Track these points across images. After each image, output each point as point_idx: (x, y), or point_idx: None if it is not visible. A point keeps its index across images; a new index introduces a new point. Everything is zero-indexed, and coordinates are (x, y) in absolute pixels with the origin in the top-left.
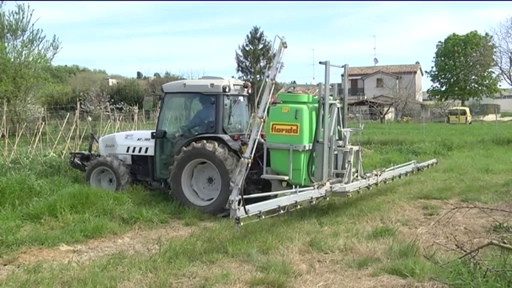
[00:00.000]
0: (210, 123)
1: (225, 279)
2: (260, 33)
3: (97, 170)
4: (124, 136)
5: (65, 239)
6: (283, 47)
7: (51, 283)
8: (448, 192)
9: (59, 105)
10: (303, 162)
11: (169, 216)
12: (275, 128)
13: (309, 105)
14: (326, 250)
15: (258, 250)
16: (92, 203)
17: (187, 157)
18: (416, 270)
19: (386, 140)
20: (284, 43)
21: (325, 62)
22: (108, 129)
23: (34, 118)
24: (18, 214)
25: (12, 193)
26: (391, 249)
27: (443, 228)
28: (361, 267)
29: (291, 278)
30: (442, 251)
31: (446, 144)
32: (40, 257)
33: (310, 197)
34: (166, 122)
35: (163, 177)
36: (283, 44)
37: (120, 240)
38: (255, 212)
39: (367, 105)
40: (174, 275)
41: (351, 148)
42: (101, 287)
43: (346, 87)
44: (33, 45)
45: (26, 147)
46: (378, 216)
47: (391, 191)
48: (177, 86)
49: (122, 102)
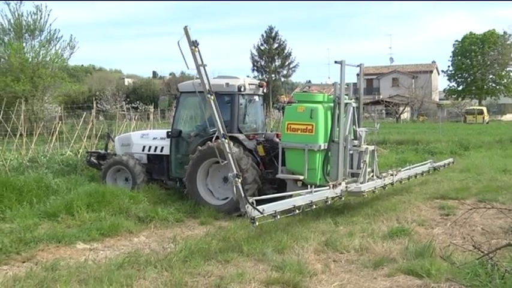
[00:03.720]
0: (225, 122)
1: (240, 278)
2: (275, 33)
3: (113, 169)
4: (140, 135)
5: (82, 237)
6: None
7: (68, 281)
8: (465, 193)
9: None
10: (318, 161)
11: (184, 215)
12: (290, 128)
13: (324, 105)
14: (341, 250)
15: (273, 249)
16: (108, 201)
17: (203, 156)
18: (432, 271)
19: (402, 140)
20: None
21: (340, 61)
22: (124, 128)
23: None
24: (36, 212)
25: (30, 191)
26: (407, 249)
27: (460, 228)
28: (377, 268)
29: (306, 278)
30: (458, 252)
31: (463, 144)
32: (57, 254)
33: (325, 196)
34: (181, 121)
35: (179, 176)
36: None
37: (136, 239)
38: (271, 211)
39: (383, 104)
40: (190, 274)
41: (366, 148)
42: (117, 285)
43: (361, 86)
44: (50, 45)
45: (44, 146)
46: (393, 216)
47: (407, 191)
48: (192, 86)
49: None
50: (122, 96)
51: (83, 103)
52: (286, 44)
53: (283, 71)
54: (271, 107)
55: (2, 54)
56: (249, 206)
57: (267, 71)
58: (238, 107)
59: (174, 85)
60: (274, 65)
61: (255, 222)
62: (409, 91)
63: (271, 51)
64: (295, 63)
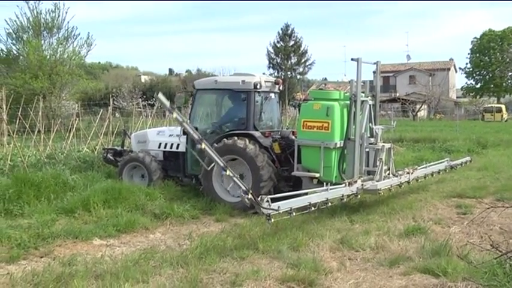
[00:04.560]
0: (241, 119)
1: (255, 275)
2: (291, 30)
3: (129, 166)
4: (156, 132)
5: (98, 233)
6: None
7: (85, 276)
8: (483, 191)
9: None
10: (334, 159)
11: (200, 212)
12: (306, 125)
13: (340, 102)
14: (357, 248)
15: (289, 247)
16: (124, 198)
17: (218, 153)
18: (449, 270)
19: (419, 138)
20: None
21: (357, 58)
22: (140, 125)
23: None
24: (54, 208)
25: (47, 187)
26: (423, 248)
27: (477, 227)
28: (393, 266)
29: (322, 276)
30: (476, 251)
31: (481, 142)
32: (74, 250)
33: (341, 194)
34: (197, 119)
35: (195, 173)
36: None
37: (152, 236)
38: (286, 208)
39: (399, 102)
40: (205, 271)
41: (382, 145)
42: (133, 281)
43: (378, 84)
44: (68, 43)
45: (61, 142)
46: (409, 214)
47: (424, 189)
48: (208, 83)
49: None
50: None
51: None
52: (302, 41)
53: (299, 69)
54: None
55: (20, 52)
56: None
57: (283, 68)
58: (254, 105)
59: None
60: (290, 62)
61: (270, 219)
62: (426, 89)
63: (287, 49)
64: (311, 60)
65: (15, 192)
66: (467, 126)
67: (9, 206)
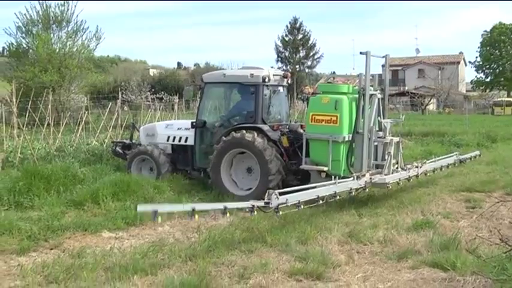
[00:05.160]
0: (249, 113)
1: (263, 268)
2: (299, 24)
3: (138, 159)
4: (164, 125)
5: (107, 225)
6: None
7: (94, 268)
8: (492, 185)
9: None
10: (343, 153)
11: None
12: (314, 119)
13: (349, 96)
14: (365, 241)
15: (297, 240)
16: (133, 191)
17: (227, 147)
18: (457, 264)
19: (428, 132)
20: None
21: (365, 52)
22: (148, 118)
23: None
24: (63, 201)
25: (57, 180)
26: (432, 242)
27: (486, 221)
28: (401, 260)
29: (330, 269)
30: (485, 245)
31: (491, 136)
32: (84, 242)
33: (349, 187)
34: (206, 112)
35: (203, 166)
36: None
37: (160, 228)
38: (294, 201)
39: (408, 96)
40: (213, 264)
41: (391, 139)
42: (142, 273)
43: (387, 77)
44: (77, 36)
45: (70, 135)
46: (418, 208)
47: (432, 183)
48: (217, 76)
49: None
50: (146, 86)
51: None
52: (311, 35)
53: (307, 62)
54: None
55: (30, 45)
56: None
57: (291, 62)
58: (263, 98)
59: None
60: (299, 56)
61: (278, 211)
62: (435, 82)
63: (296, 42)
64: (319, 54)
65: (25, 184)
66: (477, 120)
67: (19, 198)
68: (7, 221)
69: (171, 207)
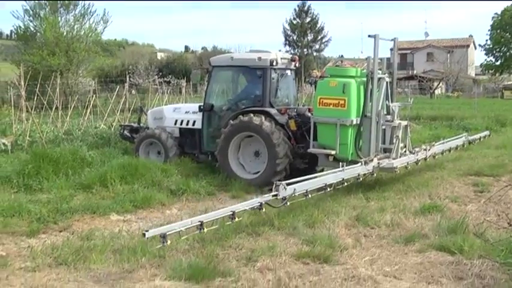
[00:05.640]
0: (257, 96)
1: (271, 251)
2: (307, 7)
3: (146, 142)
4: (172, 109)
5: (115, 208)
6: None
7: (103, 250)
8: (500, 169)
9: (109, 79)
10: (350, 136)
11: (216, 188)
12: (322, 102)
13: (357, 80)
14: (372, 225)
15: (304, 224)
16: (141, 174)
17: (234, 130)
18: (465, 248)
19: (436, 116)
20: None
21: (374, 35)
22: (156, 102)
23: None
24: (72, 184)
25: (65, 163)
26: (439, 225)
27: (494, 205)
28: (408, 243)
29: (337, 252)
30: (492, 229)
31: (500, 120)
32: (92, 225)
33: (357, 173)
34: (213, 96)
35: (211, 150)
36: None
37: (168, 211)
38: (302, 191)
39: (417, 79)
40: (221, 246)
41: (399, 123)
42: (150, 255)
43: (395, 61)
44: (84, 20)
45: (78, 119)
46: (425, 192)
47: (440, 167)
48: (224, 60)
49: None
50: (154, 70)
51: (116, 77)
52: (319, 18)
53: (315, 46)
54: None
55: (38, 29)
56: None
57: (299, 45)
58: (270, 81)
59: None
60: (307, 39)
61: (286, 202)
62: (444, 66)
63: (304, 26)
64: (327, 37)
65: (34, 167)
66: (486, 104)
67: (28, 181)
68: (17, 204)
69: (179, 225)
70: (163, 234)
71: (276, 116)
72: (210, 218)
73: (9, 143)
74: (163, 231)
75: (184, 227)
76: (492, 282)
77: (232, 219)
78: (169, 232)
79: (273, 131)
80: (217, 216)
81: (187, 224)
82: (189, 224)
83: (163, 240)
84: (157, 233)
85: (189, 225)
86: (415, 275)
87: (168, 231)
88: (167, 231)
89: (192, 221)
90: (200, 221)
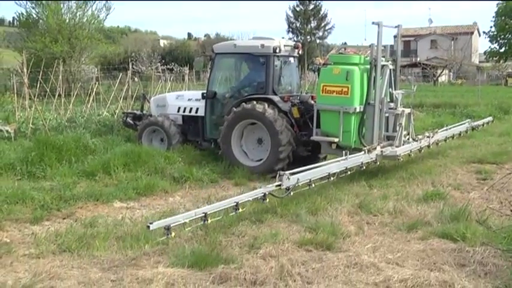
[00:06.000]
0: (260, 84)
1: (273, 238)
2: None
3: (149, 130)
4: (175, 96)
5: (119, 196)
6: None
7: (106, 237)
8: (504, 157)
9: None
10: (354, 124)
11: (219, 176)
12: (325, 90)
13: (360, 67)
14: (375, 212)
15: (307, 211)
16: (144, 161)
17: (237, 118)
18: (467, 235)
19: (439, 103)
20: None
21: (377, 22)
22: (159, 89)
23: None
24: (75, 171)
25: (68, 150)
26: (442, 213)
27: (497, 193)
28: (411, 231)
29: (340, 239)
30: (495, 216)
31: (503, 108)
32: (95, 212)
33: (360, 162)
34: (216, 83)
35: (214, 137)
36: None
37: (171, 199)
38: (306, 180)
39: (420, 67)
40: (224, 234)
41: (402, 110)
42: (153, 242)
43: (399, 48)
44: (87, 6)
45: (81, 106)
46: (428, 179)
47: (443, 154)
48: (227, 47)
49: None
50: (157, 57)
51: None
52: (322, 5)
53: (318, 33)
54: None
55: (40, 15)
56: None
57: (302, 32)
58: (273, 69)
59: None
60: (310, 26)
61: (290, 192)
62: (448, 53)
63: (307, 13)
64: (331, 24)
65: (38, 155)
66: (490, 91)
67: (31, 168)
68: (20, 191)
69: (183, 217)
70: (168, 226)
71: (279, 104)
72: (214, 209)
73: (13, 131)
74: (168, 223)
75: (188, 218)
76: (494, 269)
77: (236, 210)
78: (174, 224)
79: (276, 119)
80: (220, 207)
81: (191, 216)
82: (193, 215)
83: (168, 232)
84: (162, 225)
85: (193, 217)
86: (418, 262)
87: (172, 223)
88: (171, 224)
89: (196, 213)
90: (204, 212)
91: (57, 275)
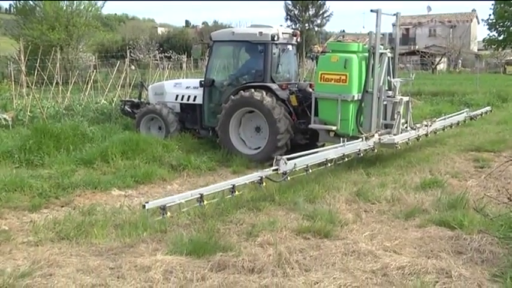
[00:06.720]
0: (258, 72)
1: (271, 226)
2: None
3: (146, 118)
4: (173, 84)
5: (117, 183)
6: None
7: (104, 225)
8: (501, 145)
9: (109, 54)
10: (352, 112)
11: (217, 164)
12: (324, 78)
13: (358, 55)
14: (373, 200)
15: (305, 199)
16: (142, 149)
17: (235, 106)
18: (465, 223)
19: (438, 91)
20: None
21: (376, 10)
22: (157, 77)
23: (86, 66)
24: (73, 159)
25: (66, 139)
26: (440, 200)
27: (494, 181)
28: (408, 218)
29: (337, 227)
30: (492, 204)
31: (501, 96)
32: (93, 200)
33: (358, 149)
34: (214, 71)
35: (211, 125)
36: None
37: (169, 187)
38: (302, 166)
39: (419, 55)
40: (222, 221)
41: (400, 99)
42: (151, 230)
43: (397, 36)
44: None
45: (79, 94)
46: (426, 167)
47: (441, 142)
48: (225, 35)
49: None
50: (155, 45)
51: (116, 52)
52: None
53: (317, 20)
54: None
55: (37, 3)
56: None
57: (300, 20)
58: (272, 56)
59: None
60: (308, 14)
61: (287, 177)
62: (446, 41)
63: (305, 0)
64: (329, 12)
65: (35, 143)
66: (488, 79)
67: (29, 156)
68: (18, 179)
69: (179, 197)
70: (163, 206)
71: (277, 92)
72: (210, 190)
73: (10, 118)
74: (163, 203)
75: (184, 199)
76: (491, 257)
77: (233, 193)
78: (169, 204)
79: (274, 107)
80: (217, 189)
81: (187, 197)
82: (189, 196)
83: (163, 212)
84: (157, 204)
85: (189, 198)
86: (415, 250)
87: (167, 203)
88: (167, 203)
89: (192, 194)
90: (200, 193)
91: (55, 262)
